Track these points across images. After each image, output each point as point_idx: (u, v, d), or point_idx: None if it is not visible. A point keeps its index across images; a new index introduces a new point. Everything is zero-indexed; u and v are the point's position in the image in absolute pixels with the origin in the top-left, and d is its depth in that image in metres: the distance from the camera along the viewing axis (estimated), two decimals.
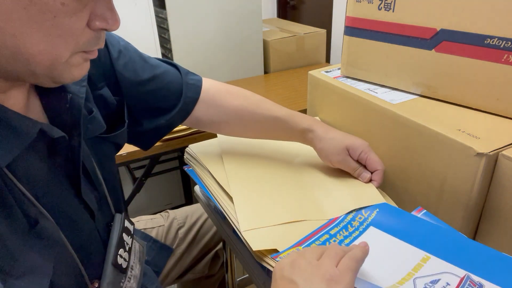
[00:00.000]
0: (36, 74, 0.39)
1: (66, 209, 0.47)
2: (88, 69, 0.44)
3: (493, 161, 0.52)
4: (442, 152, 0.57)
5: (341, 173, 0.67)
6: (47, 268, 0.41)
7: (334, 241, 0.52)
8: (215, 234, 0.87)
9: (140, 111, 0.64)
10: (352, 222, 0.56)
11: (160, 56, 1.47)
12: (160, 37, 1.50)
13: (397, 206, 0.59)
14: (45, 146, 0.45)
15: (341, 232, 0.54)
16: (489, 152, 0.51)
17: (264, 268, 0.51)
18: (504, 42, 0.55)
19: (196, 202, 0.83)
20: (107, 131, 0.56)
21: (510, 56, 0.55)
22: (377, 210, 0.57)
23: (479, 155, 0.52)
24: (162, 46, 1.51)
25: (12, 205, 0.39)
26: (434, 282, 0.44)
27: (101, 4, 0.39)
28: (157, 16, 1.47)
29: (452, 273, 0.45)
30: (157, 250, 0.79)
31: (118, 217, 0.56)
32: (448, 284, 0.43)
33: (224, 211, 0.59)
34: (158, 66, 0.66)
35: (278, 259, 0.48)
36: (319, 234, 0.54)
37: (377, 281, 0.45)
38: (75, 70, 0.41)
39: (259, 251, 0.50)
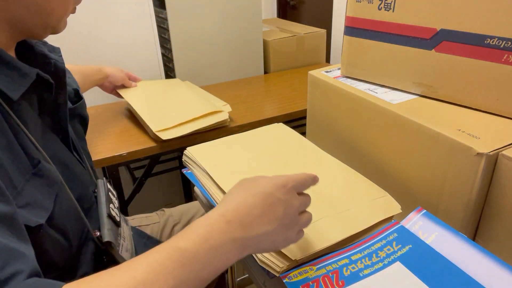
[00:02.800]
0: (47, 26, 0.49)
1: (64, 159, 0.52)
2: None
3: (493, 161, 0.52)
4: (442, 152, 0.57)
5: (341, 170, 0.67)
6: (48, 204, 0.45)
7: (353, 268, 0.49)
8: None
9: None
10: (378, 251, 0.51)
11: (160, 56, 1.47)
12: (160, 37, 1.50)
13: (398, 204, 0.59)
14: (35, 101, 0.51)
15: (363, 260, 0.50)
16: (489, 152, 0.51)
17: (264, 268, 0.51)
18: (504, 42, 0.55)
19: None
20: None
21: (510, 56, 0.55)
22: (410, 246, 0.52)
23: (479, 155, 0.52)
24: (162, 46, 1.51)
25: (15, 143, 0.43)
26: None
27: None
28: (157, 16, 1.47)
29: None
30: (152, 247, 0.79)
31: (100, 182, 0.62)
32: None
33: None
34: None
35: (286, 279, 0.47)
36: (338, 257, 0.51)
37: None
38: (66, 22, 0.52)
39: (265, 256, 0.49)
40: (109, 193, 0.61)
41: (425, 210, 0.56)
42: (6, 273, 0.33)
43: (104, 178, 0.63)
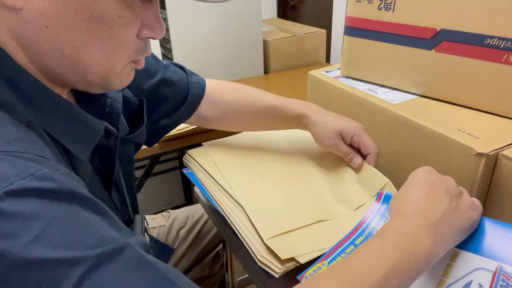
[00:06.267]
0: (90, 83, 0.41)
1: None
2: (133, 77, 0.46)
3: (493, 161, 0.52)
4: (442, 152, 0.57)
5: (342, 164, 0.66)
6: None
7: None
8: (216, 235, 0.87)
9: (150, 109, 0.66)
10: (377, 228, 0.52)
11: (160, 56, 1.47)
12: None
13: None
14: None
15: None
16: (489, 152, 0.51)
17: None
18: (504, 42, 0.55)
19: (196, 202, 0.83)
20: (128, 132, 0.58)
21: (510, 56, 0.55)
22: None
23: (479, 155, 0.52)
24: (162, 46, 1.51)
25: None
26: (467, 286, 0.42)
27: (149, 14, 0.40)
28: None
29: (483, 268, 0.42)
30: (158, 250, 0.79)
31: (138, 218, 0.58)
32: (481, 286, 0.41)
33: (224, 213, 0.59)
34: (168, 66, 0.68)
35: (303, 279, 0.46)
36: (344, 245, 0.51)
37: None
38: (124, 78, 0.44)
39: (284, 260, 0.48)
40: (145, 234, 0.57)
41: None
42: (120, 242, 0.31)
43: (142, 216, 0.59)
